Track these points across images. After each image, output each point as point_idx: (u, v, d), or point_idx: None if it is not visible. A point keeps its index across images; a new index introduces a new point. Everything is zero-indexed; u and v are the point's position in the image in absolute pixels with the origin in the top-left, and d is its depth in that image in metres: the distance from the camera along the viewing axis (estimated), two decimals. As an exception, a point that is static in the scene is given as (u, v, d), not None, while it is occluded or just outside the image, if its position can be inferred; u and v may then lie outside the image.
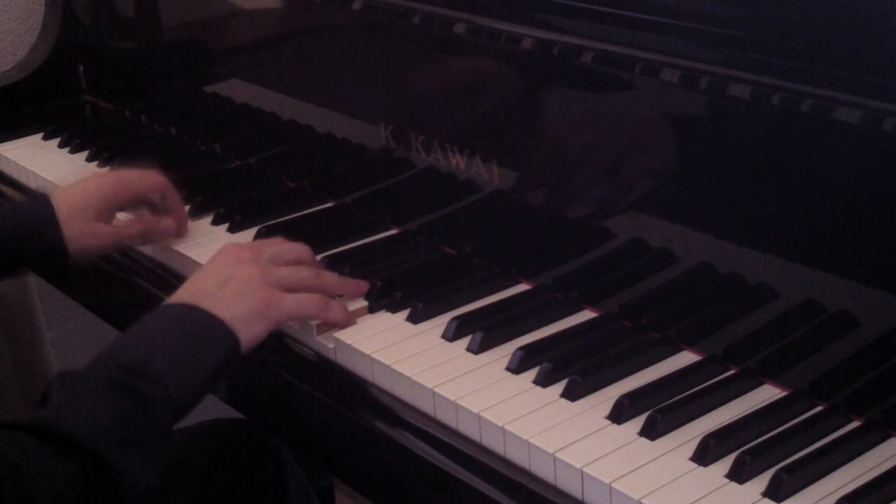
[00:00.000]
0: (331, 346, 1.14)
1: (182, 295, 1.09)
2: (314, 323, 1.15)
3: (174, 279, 1.32)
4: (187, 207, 1.41)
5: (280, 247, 1.20)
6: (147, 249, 1.38)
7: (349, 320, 1.15)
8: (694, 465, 0.93)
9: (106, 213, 1.29)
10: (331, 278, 1.18)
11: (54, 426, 0.91)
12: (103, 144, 1.66)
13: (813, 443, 0.95)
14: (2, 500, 0.86)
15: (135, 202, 1.34)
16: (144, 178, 1.34)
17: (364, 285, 1.20)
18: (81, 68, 1.90)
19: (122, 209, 1.33)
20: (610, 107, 1.13)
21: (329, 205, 1.46)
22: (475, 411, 1.00)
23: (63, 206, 1.25)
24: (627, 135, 1.12)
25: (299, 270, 1.16)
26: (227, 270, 1.11)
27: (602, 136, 1.14)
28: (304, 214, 1.43)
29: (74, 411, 0.93)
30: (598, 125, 1.14)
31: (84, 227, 1.25)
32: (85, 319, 2.06)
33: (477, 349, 1.10)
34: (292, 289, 1.13)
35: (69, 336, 2.07)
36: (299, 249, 1.21)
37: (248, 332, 1.06)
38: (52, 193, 1.29)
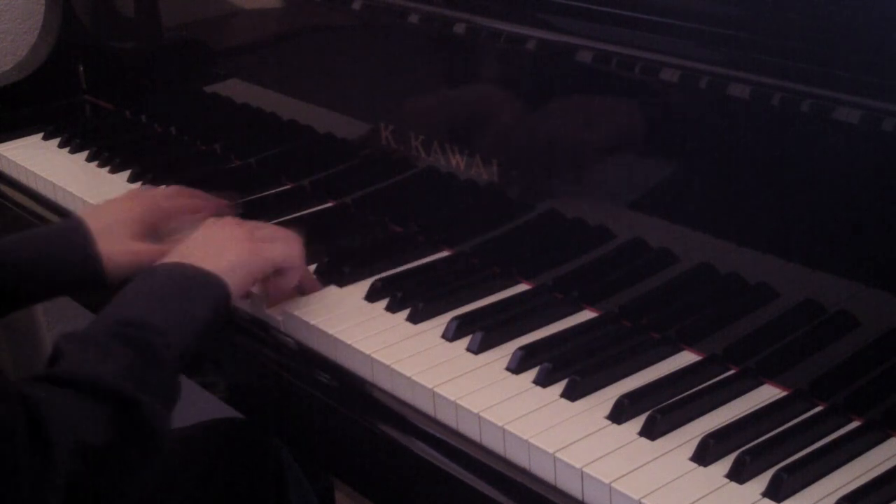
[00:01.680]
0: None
1: (171, 257, 1.13)
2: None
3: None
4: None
5: (264, 223, 1.27)
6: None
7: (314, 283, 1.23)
8: (694, 465, 0.93)
9: (141, 232, 1.26)
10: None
11: (76, 375, 0.94)
12: (103, 144, 1.66)
13: (813, 443, 0.95)
14: (49, 440, 0.88)
15: (168, 220, 1.32)
16: (173, 197, 1.34)
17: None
18: (81, 68, 1.90)
19: (155, 229, 1.30)
20: (610, 107, 1.13)
21: (329, 205, 1.46)
22: (475, 411, 1.00)
23: (96, 226, 1.23)
24: (627, 135, 1.12)
25: (280, 229, 1.22)
26: (213, 233, 1.17)
27: (602, 136, 1.14)
28: (304, 214, 1.43)
29: (90, 362, 0.96)
30: (598, 125, 1.14)
31: (120, 247, 1.22)
32: (85, 319, 2.03)
33: (477, 349, 1.10)
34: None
35: (69, 336, 2.06)
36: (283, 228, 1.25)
37: (237, 281, 1.12)
38: (83, 214, 1.27)
